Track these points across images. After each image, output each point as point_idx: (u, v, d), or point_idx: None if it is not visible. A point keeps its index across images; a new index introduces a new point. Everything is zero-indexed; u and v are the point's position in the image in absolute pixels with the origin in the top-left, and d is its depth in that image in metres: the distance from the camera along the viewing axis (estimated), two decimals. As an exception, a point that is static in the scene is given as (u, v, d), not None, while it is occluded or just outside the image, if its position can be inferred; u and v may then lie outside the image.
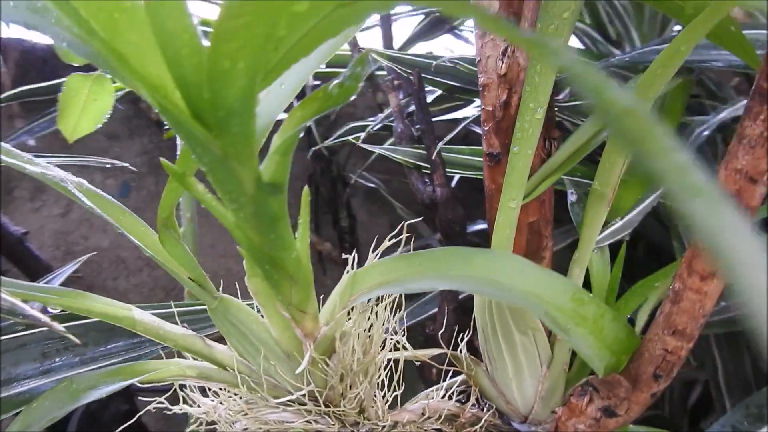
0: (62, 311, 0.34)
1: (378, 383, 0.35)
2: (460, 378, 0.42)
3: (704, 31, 0.28)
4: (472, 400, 0.40)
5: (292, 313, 0.28)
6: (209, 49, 0.16)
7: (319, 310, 0.31)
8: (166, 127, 0.86)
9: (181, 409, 0.35)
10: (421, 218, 0.43)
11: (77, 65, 0.61)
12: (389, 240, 0.30)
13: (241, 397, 0.34)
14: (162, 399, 0.35)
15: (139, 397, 0.37)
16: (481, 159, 0.60)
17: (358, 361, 0.31)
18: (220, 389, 0.34)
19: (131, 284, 0.98)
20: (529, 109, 0.33)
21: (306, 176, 1.01)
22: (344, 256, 0.33)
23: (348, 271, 0.30)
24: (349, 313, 0.30)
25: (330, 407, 0.34)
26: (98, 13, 0.15)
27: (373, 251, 0.31)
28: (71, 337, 0.27)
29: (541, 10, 0.31)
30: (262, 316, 0.32)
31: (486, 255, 0.27)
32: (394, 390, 0.37)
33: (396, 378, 0.39)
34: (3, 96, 0.77)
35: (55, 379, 0.33)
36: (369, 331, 0.32)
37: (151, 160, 0.99)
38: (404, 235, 0.31)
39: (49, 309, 0.33)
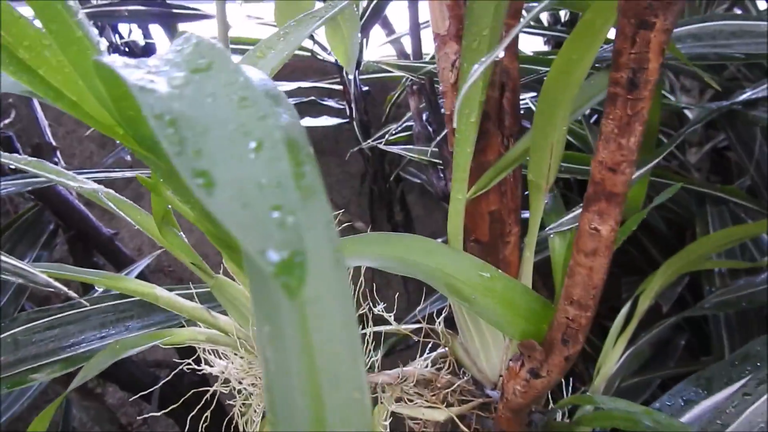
0: (106, 291, 0.44)
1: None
2: (441, 351, 0.48)
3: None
4: (448, 367, 0.46)
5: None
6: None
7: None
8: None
9: (202, 370, 0.45)
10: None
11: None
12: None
13: (243, 359, 0.43)
14: (190, 361, 0.45)
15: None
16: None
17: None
18: (230, 353, 0.43)
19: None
20: (464, 114, 0.38)
21: (360, 175, 1.09)
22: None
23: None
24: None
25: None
26: (57, 75, 0.23)
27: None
28: (72, 294, 0.37)
29: (465, 29, 0.36)
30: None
31: (402, 239, 0.33)
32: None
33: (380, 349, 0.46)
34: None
35: (107, 342, 0.44)
36: None
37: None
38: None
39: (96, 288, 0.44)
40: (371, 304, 0.45)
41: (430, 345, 0.47)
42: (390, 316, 0.47)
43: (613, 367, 0.56)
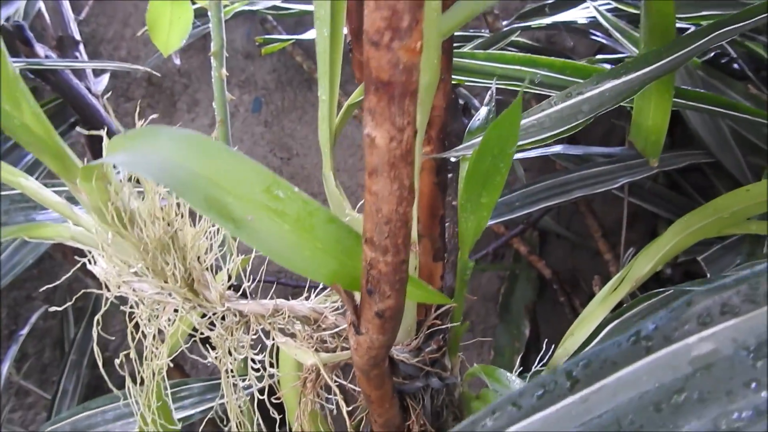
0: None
1: (209, 268, 0.37)
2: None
3: None
4: (333, 307, 0.39)
5: (69, 183, 0.31)
6: None
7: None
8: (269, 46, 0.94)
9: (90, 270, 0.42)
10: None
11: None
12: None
13: (112, 263, 0.39)
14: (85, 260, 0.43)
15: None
16: (494, 64, 0.53)
17: (146, 233, 0.33)
18: (98, 255, 0.40)
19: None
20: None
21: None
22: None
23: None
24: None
25: (166, 283, 0.37)
26: None
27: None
28: None
29: None
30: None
31: (177, 134, 0.26)
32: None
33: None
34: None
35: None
36: (151, 205, 0.33)
37: (279, 78, 1.08)
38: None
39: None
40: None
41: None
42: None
43: (582, 339, 0.45)
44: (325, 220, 0.25)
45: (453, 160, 0.33)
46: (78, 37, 0.76)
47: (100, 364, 0.43)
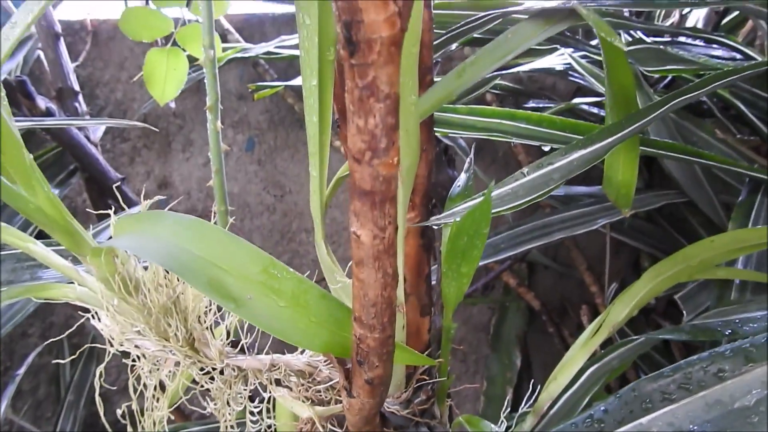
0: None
1: (210, 327, 0.39)
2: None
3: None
4: (330, 362, 0.41)
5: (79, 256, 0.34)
6: None
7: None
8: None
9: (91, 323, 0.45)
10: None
11: (147, 41, 0.74)
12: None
13: (115, 321, 0.42)
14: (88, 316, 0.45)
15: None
16: (476, 118, 0.57)
17: (151, 299, 0.35)
18: (102, 314, 0.42)
19: (254, 225, 1.14)
20: (306, 76, 0.31)
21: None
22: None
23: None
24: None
25: (169, 342, 0.39)
26: None
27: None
28: None
29: None
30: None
31: (176, 219, 0.28)
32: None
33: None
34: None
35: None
36: (155, 274, 0.35)
37: (271, 118, 1.12)
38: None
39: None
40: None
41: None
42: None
43: (565, 384, 0.47)
44: (318, 296, 0.28)
45: (435, 228, 0.36)
46: (77, 87, 0.79)
47: (101, 412, 0.45)
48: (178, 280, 0.36)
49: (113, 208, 0.40)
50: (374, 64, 0.19)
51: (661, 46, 0.58)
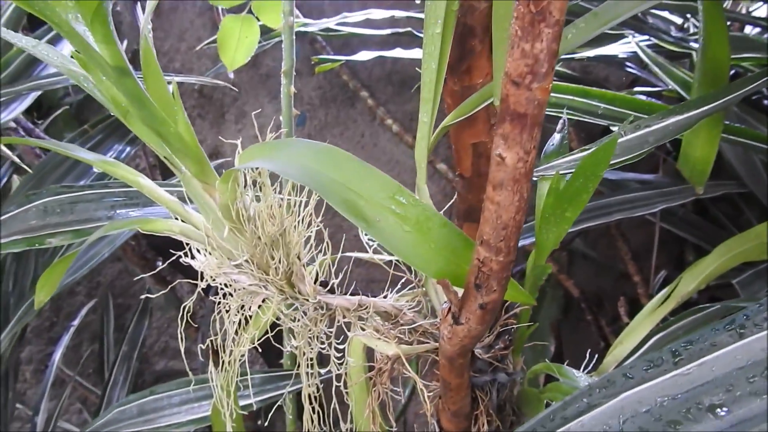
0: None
1: (304, 264, 0.42)
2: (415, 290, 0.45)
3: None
4: (416, 305, 0.43)
5: (201, 184, 0.36)
6: None
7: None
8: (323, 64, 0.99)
9: (186, 262, 0.47)
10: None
11: (227, 8, 0.76)
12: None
13: (213, 256, 0.44)
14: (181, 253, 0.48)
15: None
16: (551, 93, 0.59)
17: (262, 229, 0.38)
18: (202, 249, 0.45)
19: (300, 199, 1.17)
20: (430, 23, 0.33)
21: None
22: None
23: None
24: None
25: (267, 275, 0.42)
26: None
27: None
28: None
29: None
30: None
31: (313, 146, 0.31)
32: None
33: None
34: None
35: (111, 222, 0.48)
36: (269, 206, 0.38)
37: (324, 95, 1.14)
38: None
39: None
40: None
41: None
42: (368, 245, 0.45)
43: (631, 348, 0.49)
44: (439, 224, 0.30)
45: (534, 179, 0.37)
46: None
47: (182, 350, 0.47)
48: (287, 213, 0.39)
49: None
50: (551, -10, 0.21)
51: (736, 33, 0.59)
